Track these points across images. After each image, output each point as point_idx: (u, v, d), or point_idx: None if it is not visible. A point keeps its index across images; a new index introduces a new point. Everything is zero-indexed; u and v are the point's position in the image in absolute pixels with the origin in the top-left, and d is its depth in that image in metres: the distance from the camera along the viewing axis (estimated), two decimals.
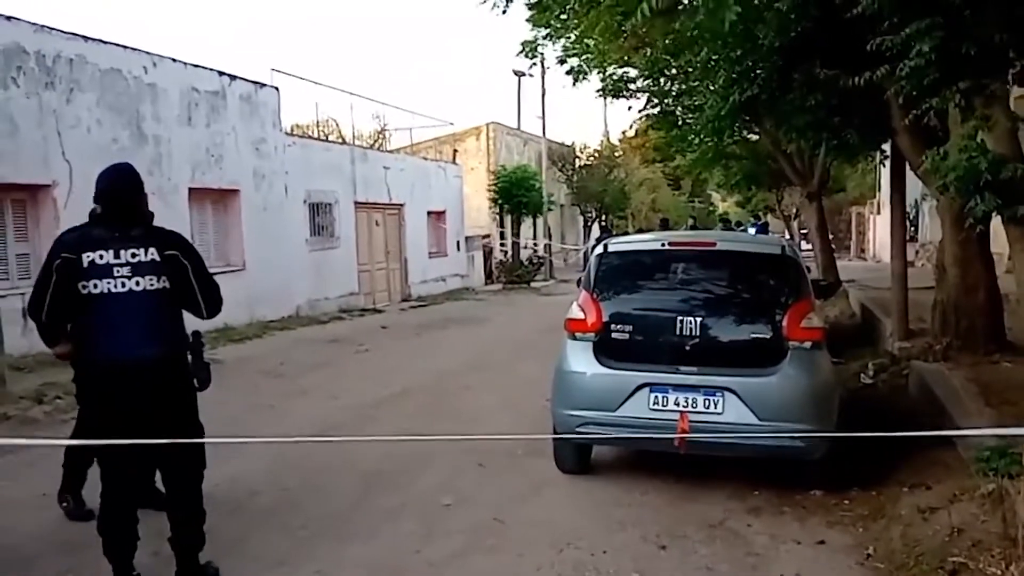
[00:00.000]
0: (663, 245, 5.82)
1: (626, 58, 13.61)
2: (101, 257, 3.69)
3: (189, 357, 3.92)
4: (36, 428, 7.02)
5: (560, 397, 5.46)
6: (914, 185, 12.57)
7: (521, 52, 16.96)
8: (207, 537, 4.02)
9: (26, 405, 7.56)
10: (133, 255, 3.71)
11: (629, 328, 5.33)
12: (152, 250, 3.73)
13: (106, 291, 3.68)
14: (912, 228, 22.85)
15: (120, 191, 3.83)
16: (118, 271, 3.69)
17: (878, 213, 27.60)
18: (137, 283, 3.70)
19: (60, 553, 4.34)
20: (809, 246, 20.42)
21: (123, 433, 3.76)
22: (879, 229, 26.93)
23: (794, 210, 30.62)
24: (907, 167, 8.73)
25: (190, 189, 13.33)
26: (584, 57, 14.76)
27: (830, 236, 19.95)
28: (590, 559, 4.26)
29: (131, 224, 3.78)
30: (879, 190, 26.43)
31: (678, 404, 5.03)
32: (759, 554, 4.34)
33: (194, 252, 3.90)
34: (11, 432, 6.84)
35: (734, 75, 8.47)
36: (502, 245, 27.54)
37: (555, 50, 15.67)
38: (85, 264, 3.68)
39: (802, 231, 29.99)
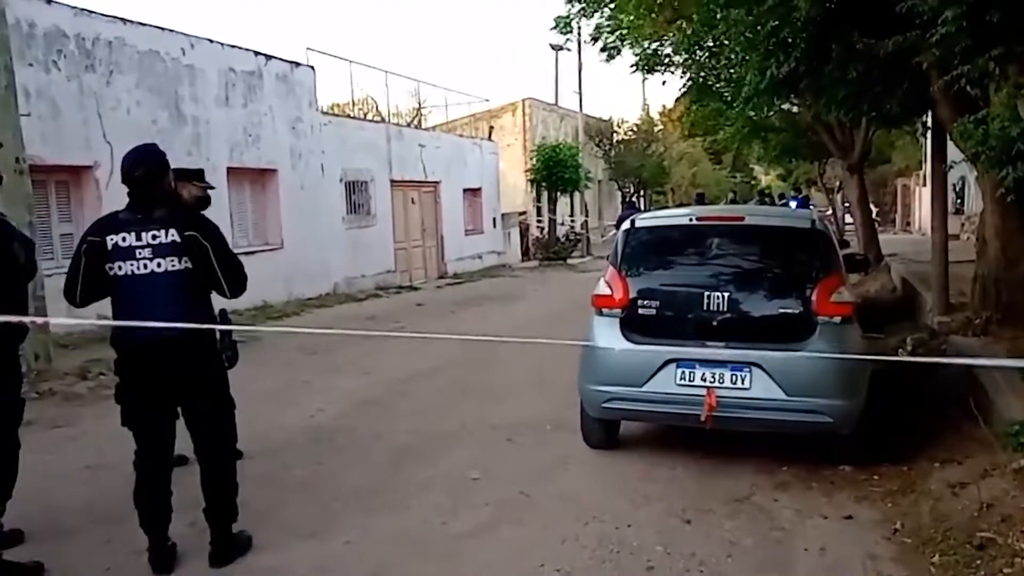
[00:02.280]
0: (691, 220, 5.77)
1: (660, 33, 13.43)
2: (124, 240, 3.77)
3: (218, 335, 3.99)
4: (80, 403, 7.23)
5: (587, 372, 5.46)
6: (961, 156, 12.25)
7: (555, 28, 16.95)
8: (241, 508, 4.13)
9: (71, 381, 7.79)
10: (154, 237, 3.77)
11: (656, 304, 5.31)
12: (172, 231, 3.78)
13: (129, 273, 3.76)
14: (958, 200, 22.34)
15: (142, 172, 3.88)
16: (140, 253, 3.76)
17: (924, 185, 26.99)
18: (159, 264, 3.76)
19: (100, 524, 4.48)
20: (852, 220, 20.09)
21: (154, 411, 3.87)
22: (925, 201, 26.33)
23: (837, 183, 30.10)
24: (948, 137, 8.53)
25: (228, 169, 13.51)
26: (618, 33, 14.64)
27: (875, 209, 19.57)
28: (614, 532, 4.29)
29: (154, 206, 3.84)
30: (925, 161, 25.84)
31: (705, 379, 5.01)
32: (784, 528, 4.33)
33: (215, 232, 3.93)
34: (56, 408, 7.06)
35: (770, 48, 8.32)
36: (539, 222, 27.49)
37: (589, 26, 15.60)
38: (109, 247, 3.77)
39: (845, 204, 29.46)
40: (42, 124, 10.05)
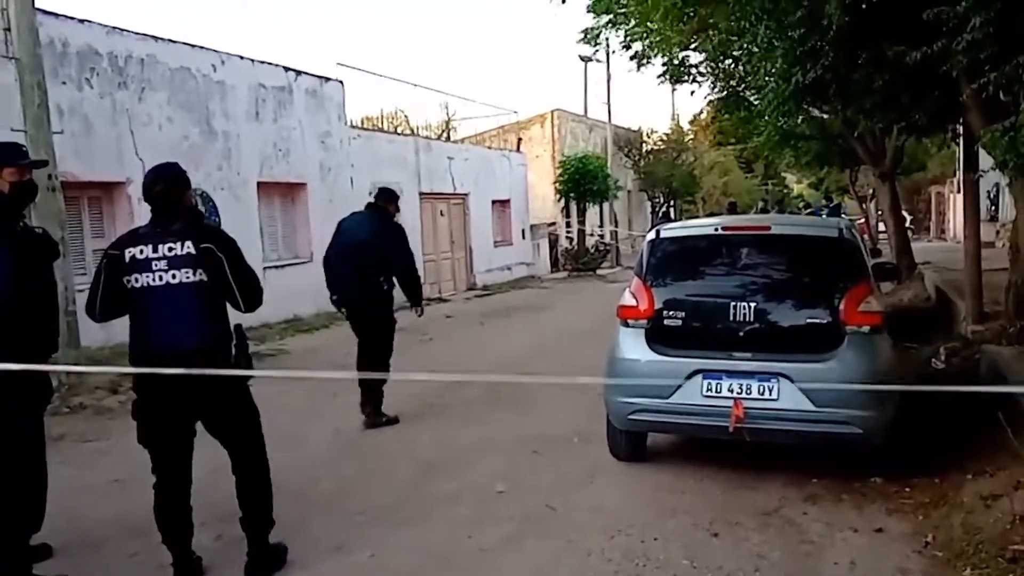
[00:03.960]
0: (716, 230, 5.71)
1: (688, 42, 13.38)
2: (141, 252, 3.81)
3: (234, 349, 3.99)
4: (110, 417, 7.30)
5: (613, 384, 5.43)
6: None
7: (583, 39, 16.94)
8: None
9: (101, 395, 7.87)
10: (170, 249, 3.81)
11: (682, 314, 5.27)
12: (188, 243, 3.82)
13: (146, 285, 3.80)
14: (993, 207, 21.98)
15: (161, 188, 3.92)
16: (156, 265, 3.80)
17: (958, 192, 26.58)
18: (174, 276, 3.80)
19: (127, 537, 4.52)
20: (885, 228, 19.83)
21: (171, 426, 3.90)
22: (959, 209, 25.87)
23: (870, 191, 29.72)
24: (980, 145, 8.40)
25: (259, 183, 13.63)
26: (647, 42, 14.61)
27: (909, 217, 19.21)
28: (640, 546, 4.25)
29: (172, 220, 3.88)
30: (959, 169, 25.44)
31: (732, 391, 4.96)
32: (814, 542, 4.27)
33: (231, 245, 3.95)
34: (86, 422, 7.15)
35: (796, 55, 8.23)
36: (568, 233, 27.45)
37: (617, 36, 15.59)
38: (127, 259, 3.82)
39: (878, 212, 29.10)
40: (75, 141, 10.20)
